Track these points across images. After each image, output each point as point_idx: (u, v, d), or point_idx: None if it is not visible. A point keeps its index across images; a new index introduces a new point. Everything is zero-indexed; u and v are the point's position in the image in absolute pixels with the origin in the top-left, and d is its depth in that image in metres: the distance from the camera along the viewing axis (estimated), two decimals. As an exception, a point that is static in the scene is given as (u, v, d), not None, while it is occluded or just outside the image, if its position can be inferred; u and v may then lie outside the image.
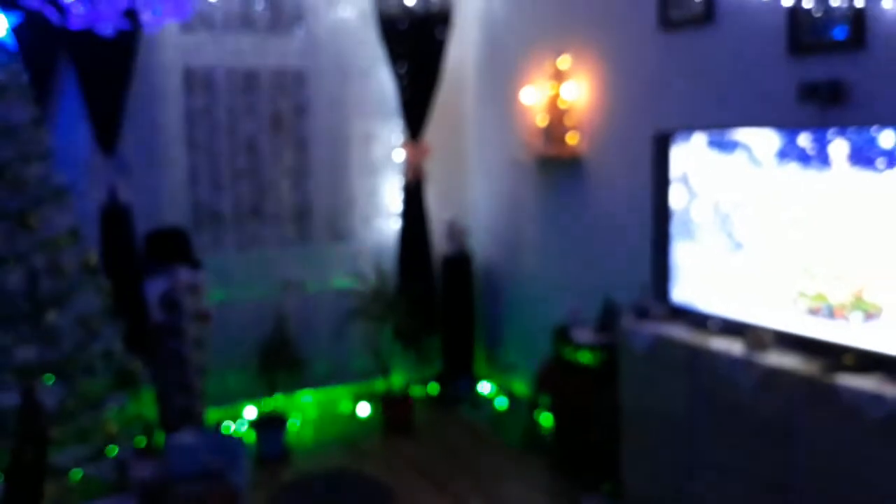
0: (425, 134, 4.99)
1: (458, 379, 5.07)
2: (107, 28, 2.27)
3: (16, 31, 3.43)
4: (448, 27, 4.93)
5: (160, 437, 3.79)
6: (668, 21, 3.63)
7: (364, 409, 4.89)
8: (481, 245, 5.27)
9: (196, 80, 4.52)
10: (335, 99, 4.83)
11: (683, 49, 3.57)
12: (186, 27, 4.39)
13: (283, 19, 4.66)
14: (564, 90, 4.27)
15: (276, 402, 4.40)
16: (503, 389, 5.02)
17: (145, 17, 2.26)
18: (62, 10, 2.22)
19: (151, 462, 3.35)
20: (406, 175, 5.00)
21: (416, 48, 4.86)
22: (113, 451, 3.44)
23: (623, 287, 3.68)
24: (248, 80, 4.63)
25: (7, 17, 3.39)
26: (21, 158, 3.35)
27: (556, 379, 3.97)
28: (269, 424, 4.30)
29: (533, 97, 4.46)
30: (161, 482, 3.19)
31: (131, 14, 2.25)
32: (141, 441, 3.67)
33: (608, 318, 3.76)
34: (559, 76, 4.28)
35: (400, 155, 5.00)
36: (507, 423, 4.52)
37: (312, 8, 4.73)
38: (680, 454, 3.06)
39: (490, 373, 5.25)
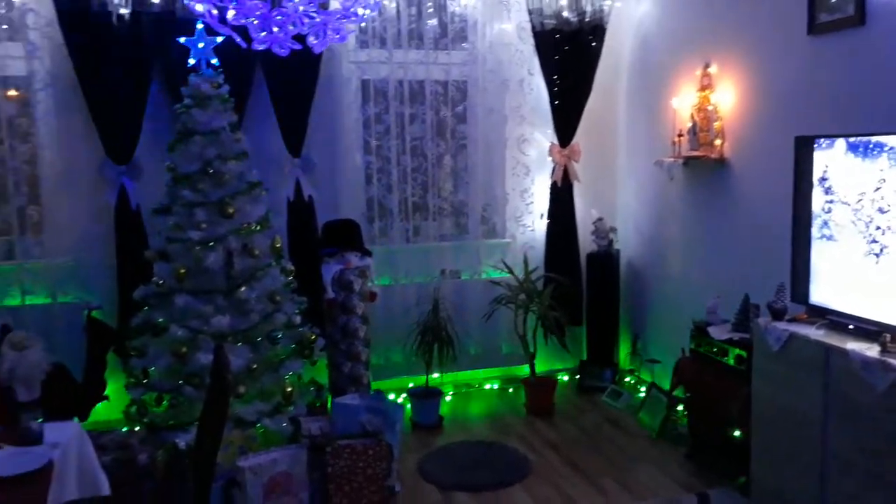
0: (575, 137, 4.96)
1: (600, 369, 4.99)
2: (282, 50, 2.47)
3: (217, 49, 3.78)
4: (601, 38, 4.88)
5: (329, 399, 4.04)
6: (817, 25, 3.37)
7: (509, 391, 4.97)
8: (627, 243, 5.15)
9: (370, 91, 4.76)
10: (492, 107, 4.90)
11: (831, 52, 3.31)
12: (363, 43, 4.63)
13: (448, 35, 4.80)
14: (711, 95, 4.09)
15: (431, 377, 4.54)
16: (643, 381, 4.89)
17: (310, 40, 2.44)
18: (247, 36, 2.44)
19: (320, 420, 3.58)
20: (556, 176, 5.00)
21: (569, 58, 4.84)
22: (289, 408, 3.72)
23: (761, 286, 3.47)
24: (416, 91, 4.81)
25: (211, 39, 3.75)
26: (222, 157, 3.70)
27: (694, 373, 3.81)
28: (425, 395, 4.45)
29: (681, 102, 4.31)
30: (327, 437, 3.41)
31: (301, 38, 2.43)
32: (313, 401, 3.94)
33: (745, 316, 3.56)
34: (706, 82, 4.11)
35: (551, 157, 5.00)
36: (645, 414, 4.39)
37: (475, 24, 4.83)
38: (810, 454, 2.84)
39: (631, 364, 5.13)
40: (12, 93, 4.19)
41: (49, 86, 4.14)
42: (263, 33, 2.33)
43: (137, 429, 3.62)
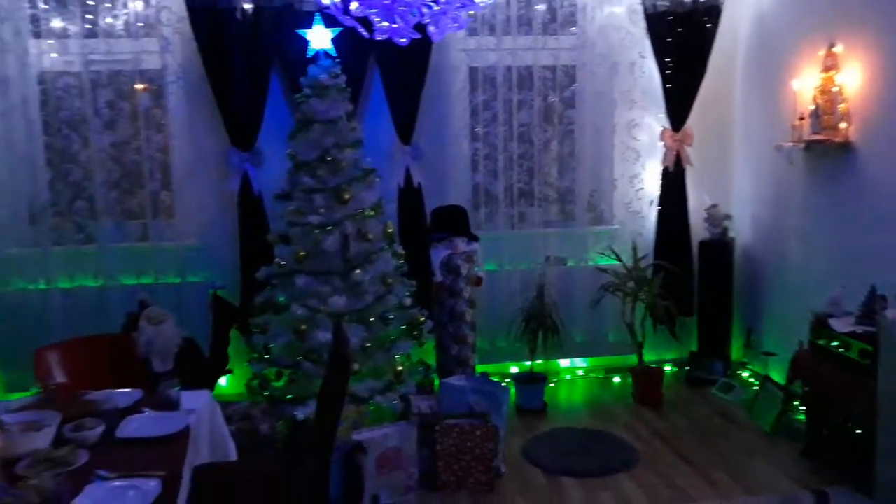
0: (688, 121, 4.84)
1: (711, 360, 4.87)
2: (402, 40, 2.55)
3: (335, 41, 3.93)
4: (716, 19, 4.72)
5: (437, 380, 4.15)
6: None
7: (615, 380, 4.93)
8: (742, 231, 4.98)
9: (478, 78, 4.81)
10: (602, 91, 4.84)
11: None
12: (471, 31, 4.68)
13: (557, 20, 4.78)
14: (836, 76, 3.89)
15: (536, 364, 4.57)
16: (757, 374, 4.73)
17: (430, 29, 2.51)
18: (369, 26, 2.54)
19: (429, 399, 3.70)
20: (667, 162, 4.89)
21: (683, 40, 4.71)
22: (399, 386, 3.85)
23: (889, 277, 3.30)
24: (524, 77, 4.82)
25: (330, 30, 3.90)
26: (339, 145, 3.86)
27: (813, 367, 3.66)
28: (529, 381, 4.49)
29: (802, 84, 4.12)
30: (436, 415, 3.52)
31: (420, 27, 2.51)
32: (421, 381, 4.06)
33: (871, 309, 3.38)
34: (831, 63, 3.91)
35: (662, 142, 4.89)
36: (759, 408, 4.25)
37: (585, 8, 4.79)
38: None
39: (745, 357, 4.97)
40: (147, 86, 4.51)
41: (180, 78, 4.43)
42: (385, 24, 2.41)
43: (259, 401, 3.84)
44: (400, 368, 3.87)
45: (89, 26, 4.36)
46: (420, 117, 4.60)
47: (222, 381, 4.43)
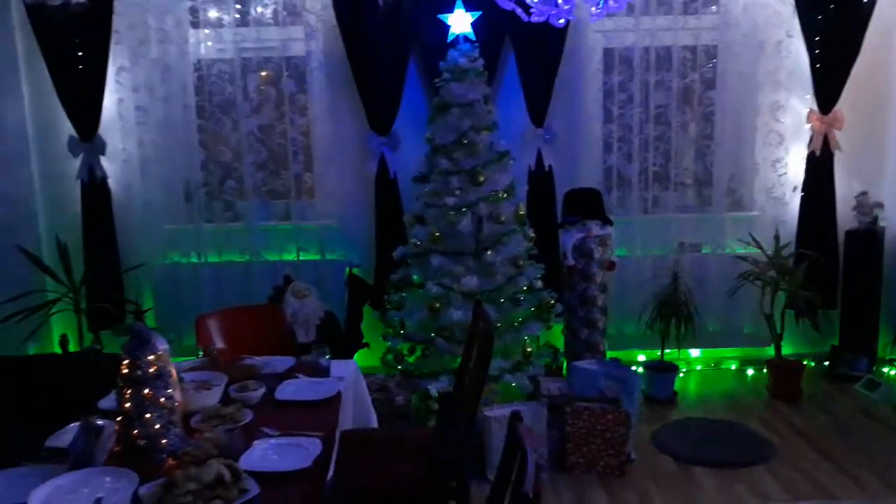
0: (838, 104, 4.58)
1: (855, 356, 4.62)
2: (560, 22, 2.57)
3: (473, 24, 4.00)
4: (876, -7, 4.44)
5: (565, 363, 4.18)
6: None
7: (751, 372, 4.78)
8: (895, 220, 4.68)
9: (614, 60, 4.75)
10: (745, 72, 4.66)
11: None
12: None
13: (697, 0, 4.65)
14: None
15: (667, 353, 4.50)
16: (908, 373, 4.46)
17: (592, 10, 2.51)
18: (527, 8, 2.57)
19: (558, 381, 3.74)
20: (814, 146, 4.65)
21: (835, 17, 4.46)
22: (527, 367, 3.91)
23: None
24: (661, 57, 4.72)
25: (470, 14, 3.97)
26: (475, 128, 3.94)
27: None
28: (660, 369, 4.43)
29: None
30: (566, 397, 3.56)
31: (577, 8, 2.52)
32: (549, 363, 4.10)
33: None
34: None
35: (809, 125, 4.66)
36: (910, 408, 4.02)
37: (729, -15, 4.62)
38: None
39: (892, 353, 4.68)
40: (269, 73, 4.76)
41: (323, 64, 4.65)
42: (542, 7, 2.45)
43: (394, 374, 4.01)
44: (529, 350, 3.93)
45: (240, 16, 4.65)
46: (553, 99, 4.60)
47: (358, 353, 4.64)
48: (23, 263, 4.22)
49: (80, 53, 4.50)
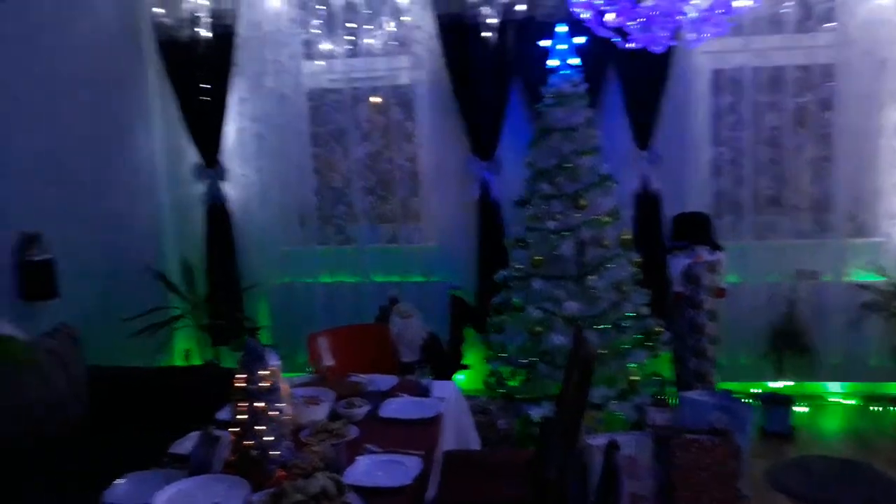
0: (976, 123, 4.26)
1: None
2: (657, 48, 2.54)
3: (577, 48, 4.00)
4: None
5: (672, 393, 4.05)
6: None
7: (876, 408, 4.45)
8: None
9: (723, 81, 4.62)
10: (865, 91, 4.41)
11: None
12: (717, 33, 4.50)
13: (812, 17, 4.46)
14: None
15: (783, 386, 4.28)
16: None
17: (689, 36, 2.47)
18: (625, 36, 2.56)
19: (665, 411, 3.61)
20: (947, 168, 4.34)
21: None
22: (632, 396, 3.82)
23: None
24: (774, 78, 4.55)
25: (573, 39, 3.98)
26: (577, 152, 3.93)
27: None
28: (774, 402, 4.20)
29: None
30: (672, 428, 3.44)
31: (677, 34, 2.48)
32: (656, 393, 3.98)
33: None
34: None
35: (941, 146, 4.35)
36: None
37: (845, 3, 4.40)
38: None
39: None
40: (381, 100, 4.91)
41: (428, 92, 4.77)
42: (640, 35, 2.43)
43: (495, 397, 4.01)
44: (634, 378, 3.83)
45: (351, 47, 4.84)
46: (659, 122, 4.52)
47: (459, 375, 4.67)
48: (152, 282, 4.52)
49: (205, 85, 4.82)
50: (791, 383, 4.35)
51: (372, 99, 4.90)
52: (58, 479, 2.71)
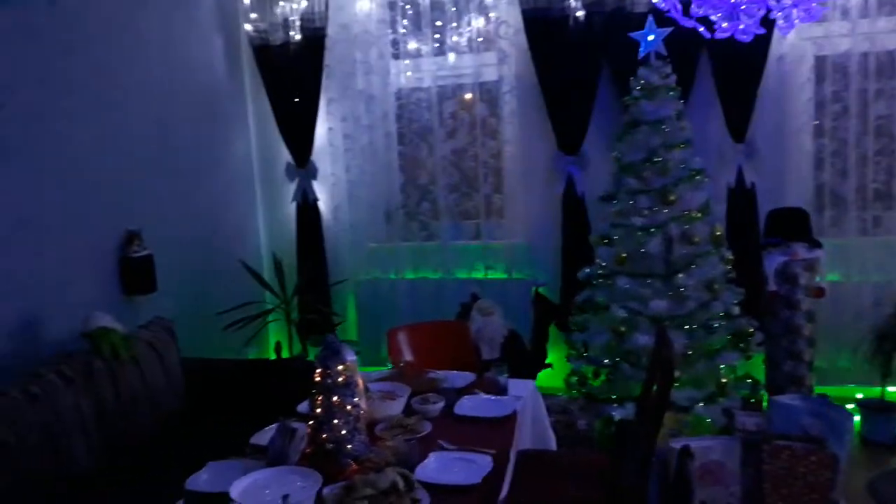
0: None
1: None
2: (745, 37, 2.41)
3: (665, 39, 3.87)
4: None
5: (764, 397, 3.86)
6: None
7: None
8: None
9: (826, 68, 4.34)
10: None
11: None
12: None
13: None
14: None
15: (887, 391, 3.99)
16: None
17: (779, 24, 2.33)
18: (710, 26, 2.45)
19: (755, 416, 3.46)
20: None
21: None
22: (721, 399, 3.66)
23: None
24: (883, 64, 4.23)
25: (662, 30, 3.85)
26: (666, 146, 3.80)
27: None
28: (880, 409, 3.94)
29: None
30: (764, 434, 3.28)
31: (766, 21, 2.34)
32: (748, 396, 3.80)
33: None
34: None
35: None
36: None
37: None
38: None
39: None
40: (474, 97, 4.89)
41: (514, 88, 4.73)
42: (726, 24, 2.32)
43: (576, 397, 3.95)
44: (724, 380, 3.68)
45: (438, 45, 4.86)
46: (755, 113, 4.31)
47: (541, 374, 4.62)
48: (245, 277, 4.71)
49: (296, 88, 4.97)
50: (898, 390, 4.06)
51: (465, 96, 4.89)
52: (149, 465, 2.86)
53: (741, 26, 2.24)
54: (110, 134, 3.81)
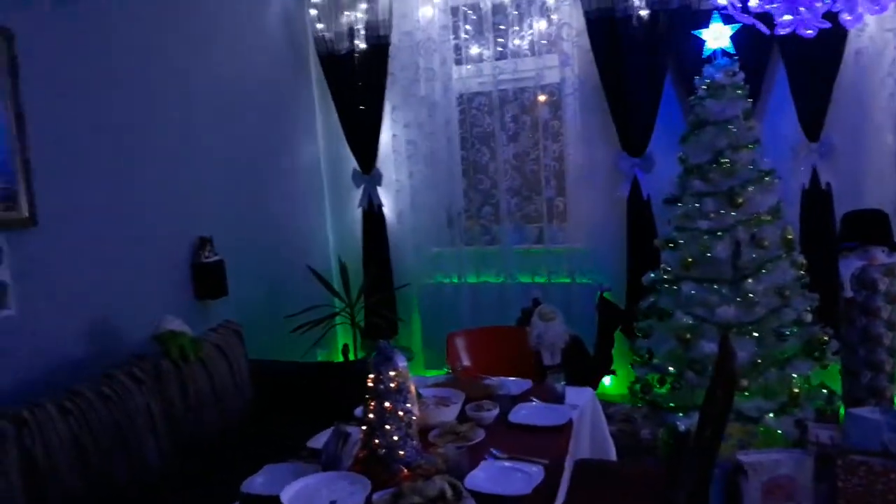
0: None
1: None
2: (808, 32, 2.29)
3: (733, 37, 3.72)
4: None
5: (841, 409, 3.66)
6: None
7: None
8: None
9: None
10: None
11: None
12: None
13: None
14: None
15: (981, 403, 3.72)
16: None
17: (843, 17, 2.19)
18: (770, 22, 2.34)
19: (829, 428, 3.27)
20: None
21: None
22: (794, 410, 3.49)
23: None
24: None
25: (729, 27, 3.71)
26: (733, 146, 3.65)
27: None
28: (969, 424, 3.67)
29: None
30: (839, 448, 3.10)
31: (831, 15, 2.20)
32: (822, 407, 3.61)
33: None
34: None
35: None
36: None
37: None
38: None
39: None
40: (548, 97, 4.84)
41: (576, 90, 4.65)
42: (788, 17, 2.20)
43: (640, 405, 3.84)
44: (796, 390, 3.50)
45: (500, 48, 4.83)
46: (831, 110, 4.09)
47: (606, 380, 4.53)
48: (312, 281, 4.79)
49: (362, 95, 5.03)
50: None
51: (540, 97, 4.83)
52: (215, 467, 2.94)
53: (800, 17, 2.12)
54: (182, 143, 3.95)
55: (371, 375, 2.31)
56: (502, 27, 4.79)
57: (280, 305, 4.51)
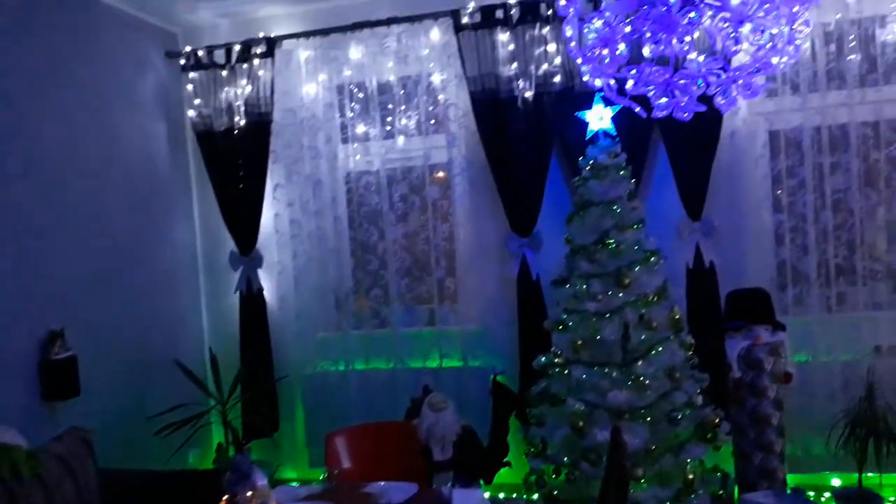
0: None
1: None
2: (685, 115, 2.30)
3: (615, 119, 3.78)
4: None
5: (735, 491, 3.61)
6: None
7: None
8: None
9: (780, 143, 4.29)
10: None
11: None
12: (770, 92, 4.20)
13: (878, 70, 4.11)
14: None
15: (865, 477, 3.76)
16: None
17: (717, 101, 2.22)
18: (648, 105, 2.34)
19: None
20: None
21: None
22: (690, 496, 3.40)
23: None
24: (836, 137, 4.19)
25: (610, 109, 3.77)
26: (618, 227, 3.66)
27: None
28: (858, 499, 3.70)
29: None
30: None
31: (705, 99, 2.22)
32: (717, 491, 3.55)
33: None
34: None
35: None
36: None
37: (912, 51, 4.05)
38: None
39: None
40: (443, 175, 4.77)
41: (464, 170, 4.60)
42: (664, 100, 2.19)
43: (536, 497, 3.66)
44: (691, 476, 3.43)
45: (387, 128, 4.76)
46: (711, 189, 4.21)
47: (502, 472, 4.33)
48: (179, 376, 4.41)
49: (241, 174, 4.80)
50: (876, 475, 3.81)
51: (438, 174, 4.74)
52: None
53: (682, 103, 2.12)
54: (33, 222, 3.60)
55: (224, 497, 2.03)
56: (389, 106, 4.73)
57: (143, 405, 4.11)
